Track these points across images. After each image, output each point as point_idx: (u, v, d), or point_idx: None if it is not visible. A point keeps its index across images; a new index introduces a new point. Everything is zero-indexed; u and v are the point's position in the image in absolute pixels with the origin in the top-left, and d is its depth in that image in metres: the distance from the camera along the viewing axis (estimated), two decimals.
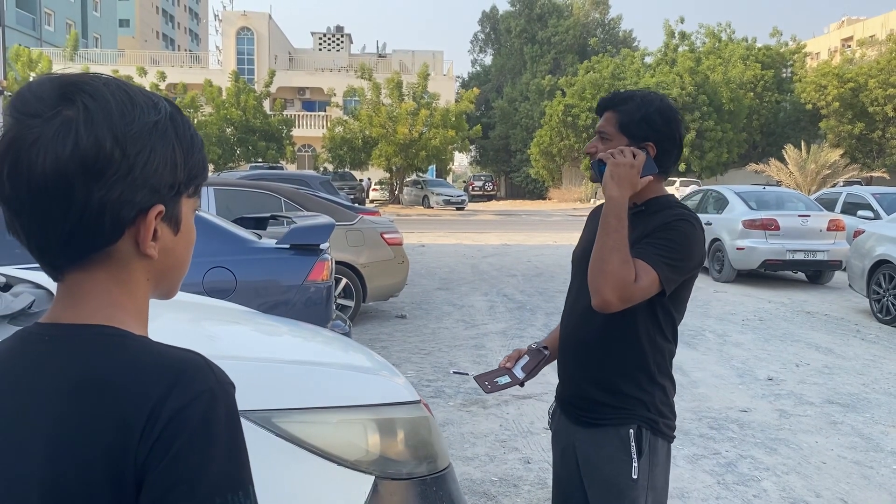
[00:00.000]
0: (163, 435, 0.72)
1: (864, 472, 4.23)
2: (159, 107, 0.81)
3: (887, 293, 8.55)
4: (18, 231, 0.80)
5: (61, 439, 0.74)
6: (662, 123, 1.89)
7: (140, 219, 0.80)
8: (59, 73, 0.82)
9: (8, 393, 0.79)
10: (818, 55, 59.33)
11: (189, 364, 0.77)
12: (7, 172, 0.77)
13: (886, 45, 41.23)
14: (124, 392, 0.74)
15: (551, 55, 52.32)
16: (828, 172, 30.53)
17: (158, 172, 0.80)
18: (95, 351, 0.78)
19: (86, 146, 0.75)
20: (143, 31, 76.25)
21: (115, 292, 0.82)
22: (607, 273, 1.73)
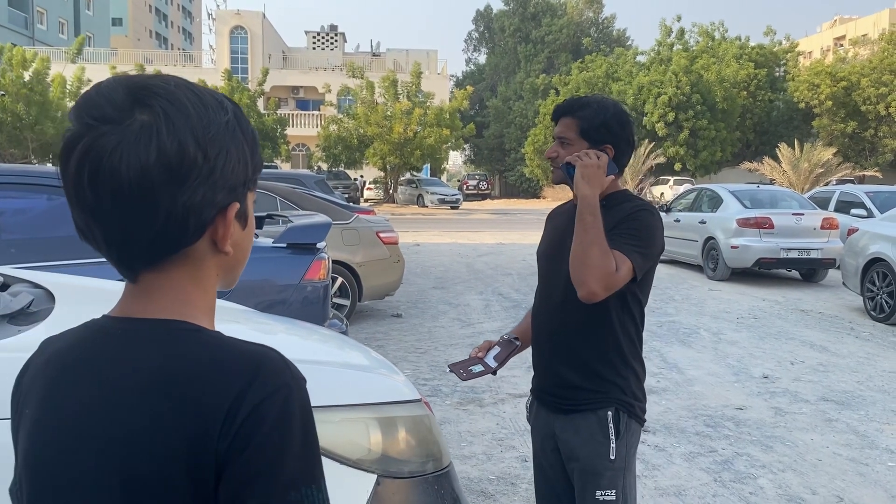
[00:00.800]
0: (243, 428, 0.73)
1: (859, 469, 4.25)
2: (225, 106, 0.82)
3: (881, 291, 8.58)
4: (96, 237, 0.79)
5: (141, 431, 0.75)
6: (619, 127, 2.03)
7: (219, 218, 0.81)
8: (125, 75, 0.82)
9: (85, 384, 0.79)
10: (811, 54, 59.51)
11: (267, 359, 0.78)
12: (88, 181, 0.75)
13: (878, 44, 41.38)
14: (204, 386, 0.75)
15: (545, 54, 52.35)
16: (821, 171, 30.63)
17: (234, 171, 0.81)
18: (173, 345, 0.79)
19: (170, 152, 0.75)
20: (136, 29, 75.97)
21: (189, 289, 0.83)
22: (590, 266, 1.84)
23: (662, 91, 37.01)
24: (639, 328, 2.06)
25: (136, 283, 0.82)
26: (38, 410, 0.82)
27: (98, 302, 2.35)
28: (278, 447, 0.73)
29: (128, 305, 0.83)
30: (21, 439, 0.84)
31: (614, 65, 42.32)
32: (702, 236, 12.18)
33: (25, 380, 0.88)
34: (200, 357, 0.77)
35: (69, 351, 0.83)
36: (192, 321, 0.81)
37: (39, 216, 4.37)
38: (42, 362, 0.86)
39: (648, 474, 4.04)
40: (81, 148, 0.76)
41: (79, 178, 0.76)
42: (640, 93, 37.99)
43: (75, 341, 0.84)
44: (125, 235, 0.77)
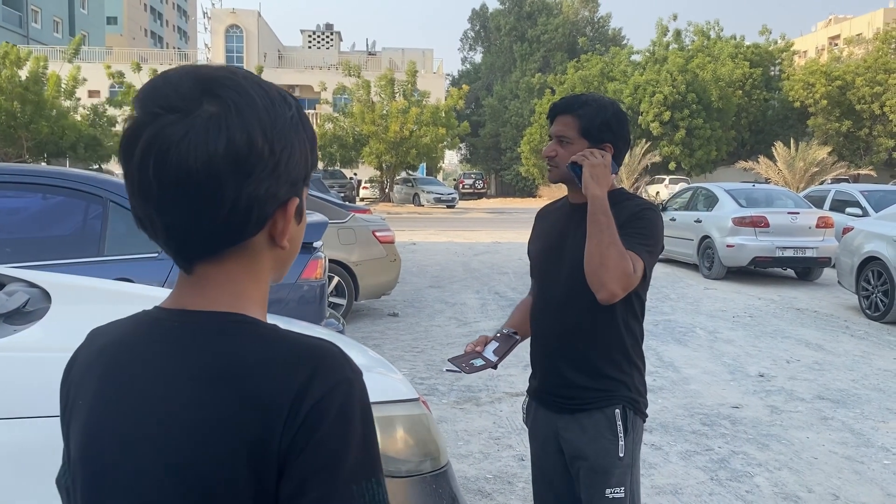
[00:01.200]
0: (306, 423, 0.73)
1: (855, 467, 4.26)
2: (289, 101, 0.82)
3: (876, 290, 8.61)
4: (157, 227, 0.79)
5: (202, 425, 0.74)
6: (618, 126, 2.03)
7: (279, 212, 0.81)
8: (191, 66, 0.81)
9: (142, 376, 0.79)
10: (806, 53, 59.68)
11: (328, 353, 0.78)
12: (153, 170, 0.75)
13: (873, 43, 41.51)
14: (266, 379, 0.75)
15: (541, 53, 52.38)
16: (816, 170, 30.71)
17: (297, 166, 0.81)
18: (232, 338, 0.78)
19: (239, 143, 0.75)
20: (130, 28, 75.78)
21: (244, 282, 0.82)
22: (609, 268, 1.84)
23: (658, 90, 37.05)
24: (641, 325, 2.08)
25: (192, 274, 0.82)
26: (94, 401, 0.82)
27: (94, 301, 2.34)
28: (340, 441, 0.74)
29: (183, 297, 0.82)
30: (75, 430, 0.83)
31: (610, 64, 42.36)
32: (697, 235, 12.19)
33: (75, 371, 0.87)
34: (260, 350, 0.77)
35: (124, 342, 0.83)
36: (248, 314, 0.81)
37: (35, 216, 4.36)
38: (94, 352, 0.85)
39: (645, 473, 4.04)
40: (147, 137, 0.75)
41: (143, 168, 0.75)
42: (636, 92, 38.03)
43: (129, 332, 0.84)
44: (188, 226, 0.77)
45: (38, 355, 1.71)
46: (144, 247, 3.92)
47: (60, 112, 29.65)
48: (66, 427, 0.86)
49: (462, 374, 5.90)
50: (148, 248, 3.92)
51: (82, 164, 29.38)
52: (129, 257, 3.91)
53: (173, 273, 3.88)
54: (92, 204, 4.10)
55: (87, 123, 30.89)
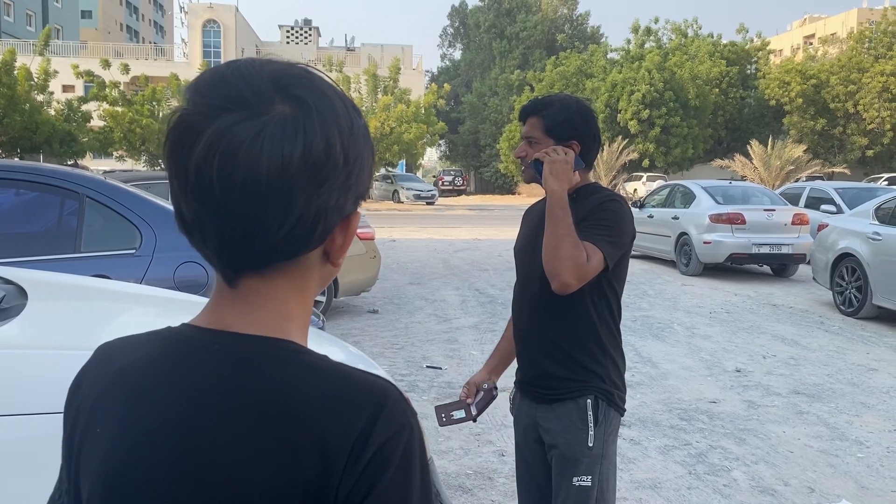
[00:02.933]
0: (367, 470, 0.68)
1: (829, 460, 4.33)
2: (359, 111, 0.76)
3: (850, 286, 8.73)
4: (207, 232, 0.71)
5: (253, 465, 0.68)
6: (582, 123, 2.08)
7: (339, 227, 0.75)
8: (264, 59, 0.75)
9: (178, 405, 0.71)
10: (781, 52, 60.37)
11: (389, 393, 0.72)
12: (217, 170, 0.67)
13: (847, 42, 42.06)
14: (326, 422, 0.68)
15: (520, 50, 52.46)
16: (791, 168, 31.10)
17: (364, 179, 0.76)
18: (284, 371, 0.71)
19: (317, 149, 0.69)
20: (106, 22, 74.78)
21: (291, 301, 0.76)
22: (562, 258, 1.90)
23: (636, 88, 37.26)
24: (615, 317, 2.11)
25: (235, 288, 0.74)
26: (120, 430, 0.73)
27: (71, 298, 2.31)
28: (401, 489, 0.69)
29: (223, 315, 0.75)
30: (91, 461, 0.75)
31: (588, 62, 42.52)
32: (675, 232, 12.29)
33: (85, 392, 0.79)
34: (318, 386, 0.71)
35: (153, 366, 0.75)
36: (293, 338, 0.75)
37: (9, 211, 4.29)
38: (112, 374, 0.77)
39: (624, 467, 4.07)
40: (213, 133, 0.68)
41: (205, 168, 0.68)
42: (614, 90, 38.22)
43: (157, 353, 0.76)
44: (247, 235, 0.70)
45: (14, 352, 1.69)
46: (121, 243, 3.87)
47: (34, 107, 29.20)
48: (76, 455, 0.78)
49: (443, 371, 5.94)
50: (125, 244, 3.87)
51: (57, 159, 28.95)
52: (106, 254, 3.86)
53: (150, 270, 3.84)
54: (68, 200, 4.04)
55: (61, 118, 30.45)
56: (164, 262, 3.80)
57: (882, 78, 37.22)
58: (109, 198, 3.90)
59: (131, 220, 3.85)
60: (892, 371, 6.30)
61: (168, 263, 3.82)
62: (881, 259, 8.22)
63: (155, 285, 3.37)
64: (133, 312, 2.39)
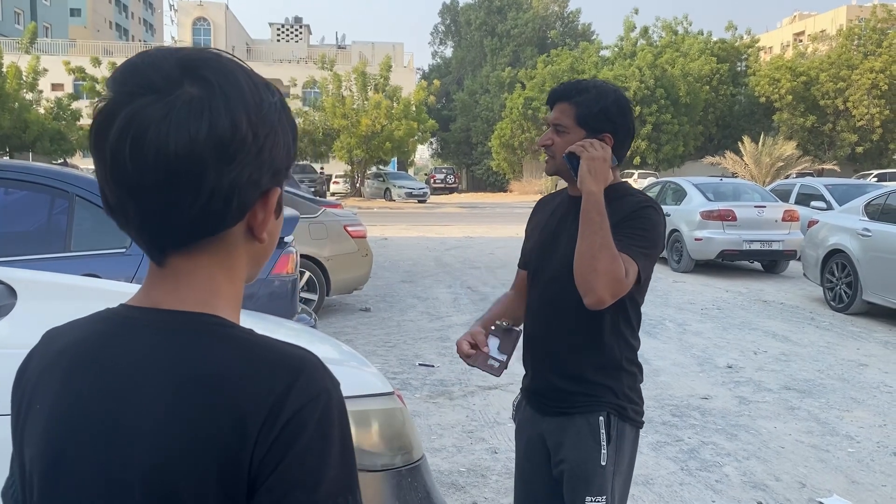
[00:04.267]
0: (282, 435, 0.70)
1: (820, 455, 4.35)
2: (271, 88, 0.79)
3: (840, 282, 8.78)
4: (129, 213, 0.74)
5: (172, 431, 0.71)
6: (619, 115, 1.90)
7: (260, 202, 0.78)
8: (172, 47, 0.78)
9: (112, 378, 0.75)
10: (771, 49, 60.61)
11: (306, 362, 0.74)
12: (129, 152, 0.71)
13: (836, 39, 42.25)
14: (242, 388, 0.71)
15: (511, 48, 52.50)
16: (781, 164, 31.21)
17: (280, 155, 0.78)
18: (205, 342, 0.74)
19: (222, 127, 0.72)
20: (95, 20, 74.36)
21: (218, 278, 0.79)
22: (599, 272, 1.73)
23: (626, 85, 37.34)
24: (635, 330, 1.97)
25: (164, 266, 0.78)
26: (56, 406, 0.77)
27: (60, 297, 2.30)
28: (318, 455, 0.70)
29: (154, 294, 0.78)
30: (31, 436, 0.79)
31: (579, 59, 42.58)
32: (666, 229, 12.29)
33: (30, 373, 0.82)
34: (234, 356, 0.73)
35: (88, 343, 0.78)
36: (221, 314, 0.78)
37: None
38: (52, 354, 0.80)
39: None
40: (124, 117, 0.71)
41: (119, 150, 0.71)
42: None
43: (93, 332, 0.79)
44: (165, 212, 0.73)
45: (3, 352, 1.67)
46: (112, 242, 3.86)
47: (23, 105, 29.05)
48: (20, 433, 0.81)
49: (435, 369, 5.94)
50: (115, 243, 3.86)
51: (46, 158, 28.80)
52: (96, 253, 3.84)
53: (142, 269, 3.82)
54: (57, 199, 4.02)
55: (50, 117, 30.28)
56: None
57: (871, 75, 37.43)
58: (98, 196, 3.88)
59: None
60: (882, 366, 6.34)
61: None
62: (871, 255, 8.26)
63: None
64: None
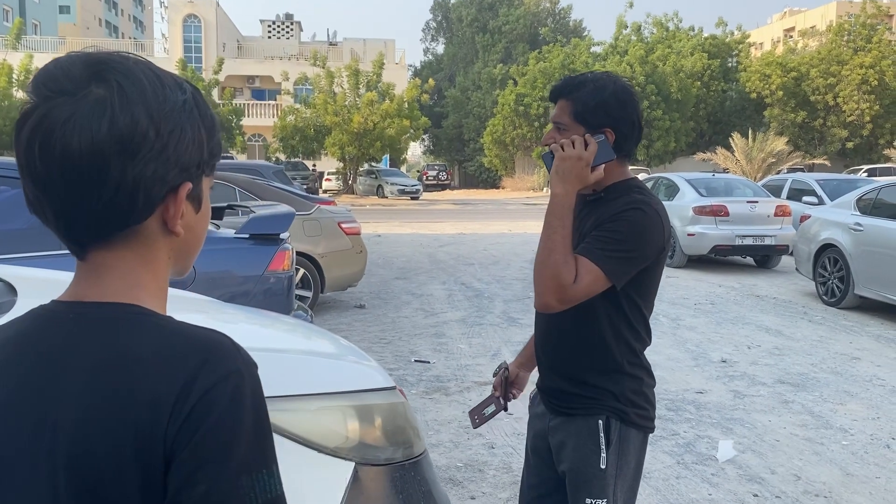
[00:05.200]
0: (192, 414, 0.73)
1: (815, 448, 4.38)
2: (184, 87, 0.83)
3: (832, 276, 8.83)
4: (45, 209, 0.79)
5: (90, 416, 0.74)
6: (618, 108, 1.83)
7: (170, 197, 0.81)
8: (84, 51, 0.82)
9: (35, 370, 0.78)
10: (762, 45, 60.77)
11: (217, 344, 0.78)
12: (39, 151, 0.76)
13: (826, 35, 42.42)
14: (154, 370, 0.75)
15: (503, 44, 52.47)
16: (772, 160, 31.35)
17: (188, 151, 0.81)
18: (123, 329, 0.78)
19: (122, 125, 0.76)
20: (84, 18, 73.93)
21: (139, 271, 0.83)
22: (546, 276, 1.72)
23: None
24: (638, 333, 1.92)
25: (86, 261, 0.82)
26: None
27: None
28: (229, 433, 0.73)
29: (78, 288, 0.82)
30: None
31: (571, 55, 42.61)
32: None
33: None
34: (150, 342, 0.77)
35: (19, 337, 0.82)
36: (144, 305, 0.81)
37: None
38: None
39: None
40: (34, 119, 0.76)
41: (30, 150, 0.76)
42: None
43: (25, 328, 0.82)
44: (73, 208, 0.77)
45: None
46: None
47: (12, 104, 28.88)
48: None
49: (431, 365, 5.95)
50: None
51: None
52: None
53: None
54: None
55: None
56: None
57: (861, 70, 37.60)
58: None
59: None
60: (874, 360, 6.38)
61: None
62: (863, 249, 8.31)
63: None
64: None
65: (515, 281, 10.38)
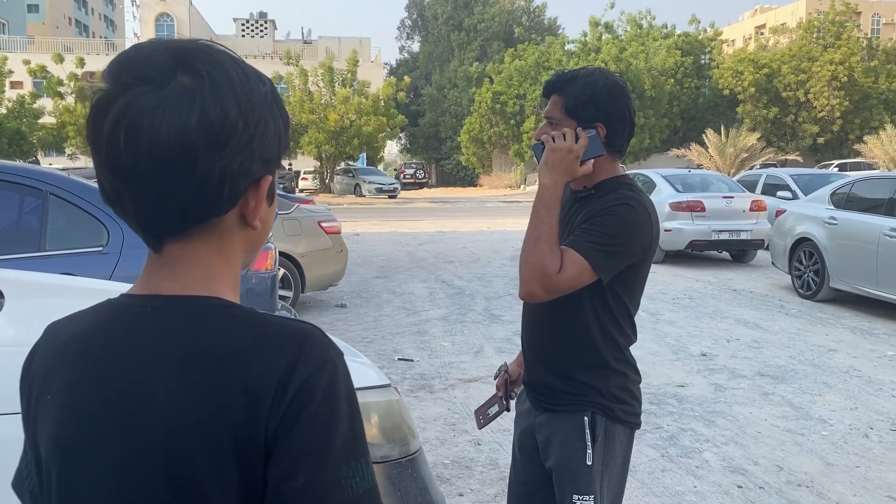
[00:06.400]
0: (292, 405, 0.73)
1: (796, 439, 4.45)
2: (262, 78, 0.81)
3: (808, 269, 8.95)
4: (124, 200, 0.77)
5: (186, 413, 0.73)
6: (609, 103, 1.84)
7: (251, 190, 0.80)
8: (163, 39, 0.81)
9: (119, 367, 0.77)
10: (734, 42, 61.50)
11: (310, 335, 0.77)
12: (124, 141, 0.73)
13: (797, 32, 43.02)
14: (249, 363, 0.74)
15: (478, 42, 52.50)
16: (746, 156, 31.74)
17: (270, 143, 0.80)
18: (209, 322, 0.77)
19: (213, 116, 0.74)
20: (53, 16, 72.77)
21: (214, 263, 0.81)
22: (531, 264, 1.73)
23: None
24: (624, 330, 1.91)
25: (161, 253, 0.80)
26: (67, 396, 0.78)
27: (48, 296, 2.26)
28: (328, 422, 0.73)
29: (153, 281, 0.80)
30: (44, 428, 0.80)
31: (546, 53, 42.76)
32: None
33: (37, 367, 0.84)
34: (243, 334, 0.76)
35: (92, 332, 0.80)
36: (223, 296, 0.80)
37: None
38: (59, 346, 0.82)
39: None
40: (119, 108, 0.74)
41: (114, 139, 0.74)
42: None
43: (98, 322, 0.81)
44: (158, 200, 0.75)
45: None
46: (88, 241, 3.79)
47: None
48: (32, 426, 0.83)
49: (414, 363, 5.95)
50: (92, 241, 3.79)
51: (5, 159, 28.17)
52: (72, 252, 3.78)
53: (119, 268, 3.77)
54: (29, 197, 3.94)
55: (12, 116, 29.61)
56: (133, 258, 3.73)
57: (831, 67, 38.18)
58: (74, 194, 3.82)
59: (98, 216, 3.77)
60: (850, 351, 6.49)
61: (137, 260, 3.72)
62: (837, 243, 8.44)
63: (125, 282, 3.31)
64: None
65: (496, 278, 10.41)
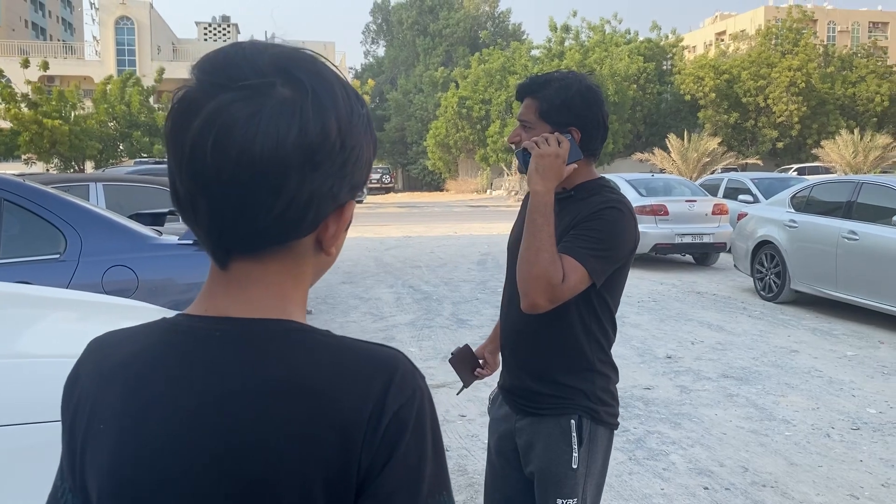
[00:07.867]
0: (385, 437, 0.69)
1: (760, 440, 4.50)
2: (361, 99, 0.75)
3: (769, 272, 9.10)
4: (198, 208, 0.70)
5: (270, 445, 0.67)
6: (584, 107, 1.84)
7: (333, 215, 0.74)
8: (265, 41, 0.74)
9: (186, 396, 0.70)
10: (695, 48, 62.52)
11: (398, 362, 0.73)
12: (211, 147, 0.67)
13: (756, 39, 43.86)
14: (337, 393, 0.69)
15: (443, 47, 52.61)
16: (707, 160, 32.19)
17: (361, 169, 0.75)
18: (288, 349, 0.71)
19: (313, 134, 0.68)
20: (8, 19, 71.16)
21: (286, 285, 0.75)
22: (535, 276, 1.71)
23: None
24: (607, 332, 1.92)
25: (227, 270, 0.74)
26: (126, 421, 0.72)
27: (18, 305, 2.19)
28: (418, 455, 0.70)
29: (219, 301, 0.74)
30: (97, 456, 0.73)
31: (511, 59, 42.99)
32: None
33: (83, 390, 0.77)
34: (323, 361, 0.71)
35: (150, 355, 0.73)
36: (295, 320, 0.74)
37: None
38: (110, 368, 0.75)
39: None
40: (210, 110, 0.67)
41: (200, 143, 0.67)
42: None
43: (155, 344, 0.74)
44: (236, 214, 0.69)
45: None
46: (44, 248, 3.69)
47: None
48: (79, 456, 0.75)
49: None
50: (48, 249, 3.69)
51: None
52: (28, 259, 3.67)
53: (77, 275, 3.67)
54: None
55: None
56: (91, 266, 3.64)
57: (789, 73, 39.00)
58: (30, 201, 3.71)
59: (55, 223, 3.67)
60: (811, 352, 6.60)
61: (95, 268, 3.66)
62: (797, 245, 8.60)
63: (83, 291, 3.22)
64: (52, 318, 2.28)
65: (463, 283, 10.40)
